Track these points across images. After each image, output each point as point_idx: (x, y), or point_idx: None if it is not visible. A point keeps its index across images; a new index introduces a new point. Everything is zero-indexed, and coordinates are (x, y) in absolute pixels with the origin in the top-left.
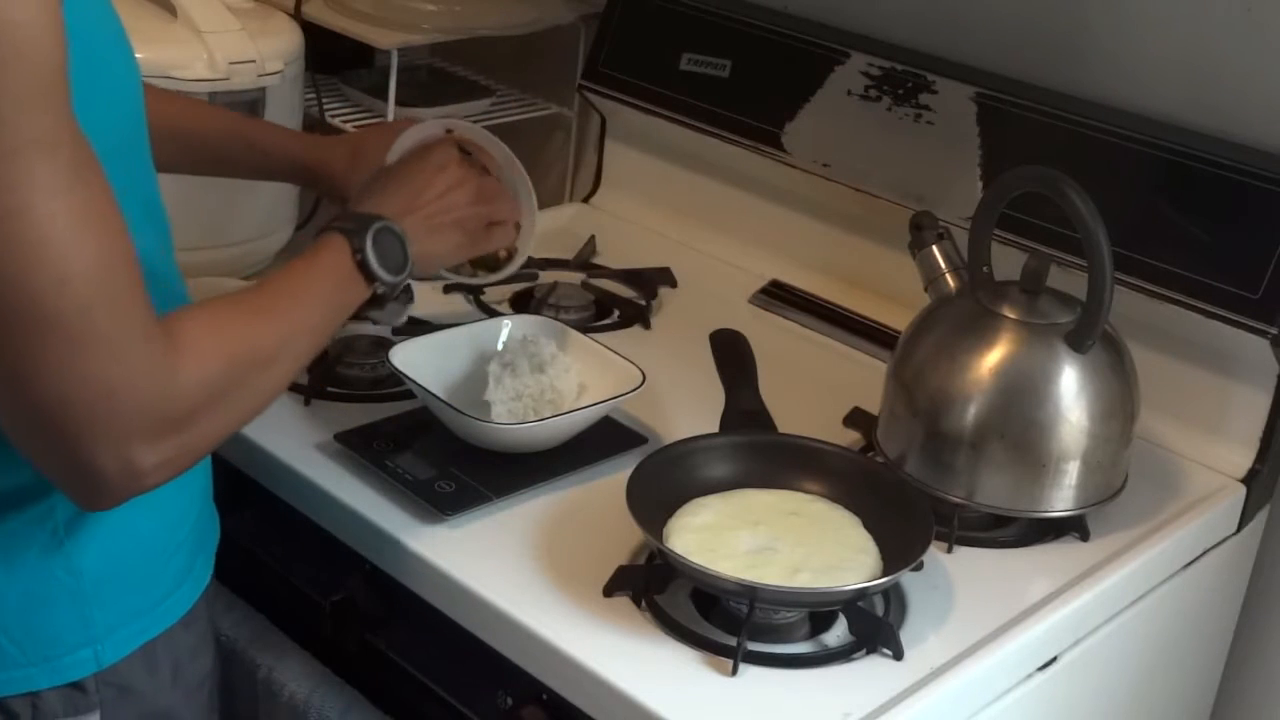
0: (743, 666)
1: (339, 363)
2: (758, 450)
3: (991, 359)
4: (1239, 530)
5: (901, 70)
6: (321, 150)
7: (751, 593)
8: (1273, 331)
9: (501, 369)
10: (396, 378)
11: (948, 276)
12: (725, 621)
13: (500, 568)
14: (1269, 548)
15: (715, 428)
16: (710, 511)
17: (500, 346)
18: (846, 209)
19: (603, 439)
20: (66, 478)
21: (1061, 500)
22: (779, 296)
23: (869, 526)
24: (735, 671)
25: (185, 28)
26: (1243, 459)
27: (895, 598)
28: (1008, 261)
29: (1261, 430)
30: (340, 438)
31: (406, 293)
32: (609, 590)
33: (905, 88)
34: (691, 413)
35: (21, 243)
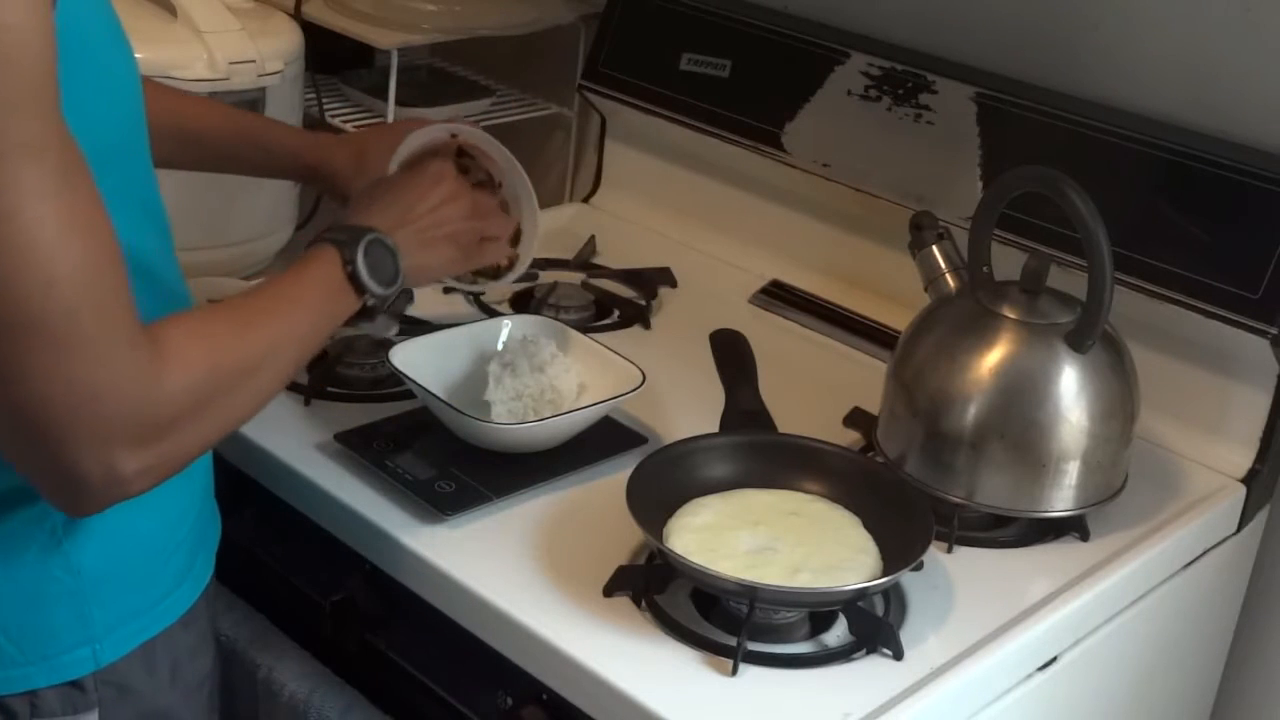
0: (743, 666)
1: (339, 363)
2: (758, 450)
3: (991, 359)
4: (1239, 530)
5: (901, 70)
6: (325, 149)
7: (751, 593)
8: (1273, 331)
9: (501, 369)
10: (396, 378)
11: (948, 276)
12: (725, 621)
13: (500, 568)
14: (1269, 548)
15: (715, 428)
16: (710, 511)
17: (500, 346)
18: (846, 209)
19: (603, 439)
20: (49, 482)
21: (1061, 500)
22: (779, 296)
23: (869, 526)
24: (735, 671)
25: (185, 28)
26: (1243, 459)
27: (895, 598)
28: (1008, 261)
29: (1261, 430)
30: (340, 438)
31: (407, 294)
32: (609, 590)
33: (905, 88)
34: (691, 413)
35: (8, 246)
